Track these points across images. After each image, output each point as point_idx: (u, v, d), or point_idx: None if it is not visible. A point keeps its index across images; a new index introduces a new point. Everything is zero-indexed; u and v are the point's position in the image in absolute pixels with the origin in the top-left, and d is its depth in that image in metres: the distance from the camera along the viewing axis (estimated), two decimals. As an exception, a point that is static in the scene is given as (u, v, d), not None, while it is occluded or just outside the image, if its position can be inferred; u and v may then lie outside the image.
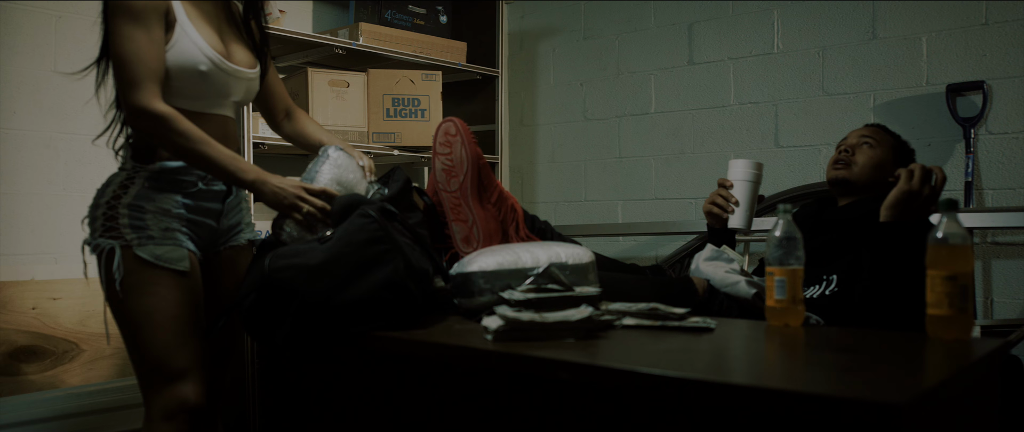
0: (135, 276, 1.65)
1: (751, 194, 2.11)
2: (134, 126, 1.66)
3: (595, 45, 3.79)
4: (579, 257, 1.64)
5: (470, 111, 3.63)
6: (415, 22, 3.30)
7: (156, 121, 1.62)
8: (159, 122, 1.62)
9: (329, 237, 1.54)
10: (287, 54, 3.15)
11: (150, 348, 1.65)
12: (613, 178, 3.73)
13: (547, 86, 3.98)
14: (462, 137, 1.78)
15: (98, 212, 1.70)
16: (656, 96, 3.60)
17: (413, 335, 1.42)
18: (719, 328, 1.50)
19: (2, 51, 2.55)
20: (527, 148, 4.05)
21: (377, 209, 1.54)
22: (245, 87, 1.85)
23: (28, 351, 2.48)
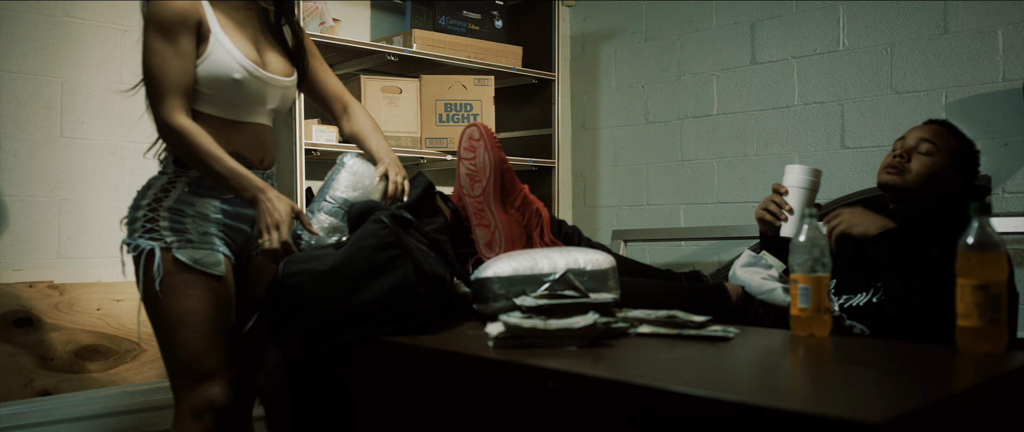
0: (172, 278, 1.70)
1: (806, 202, 2.01)
2: (160, 137, 1.72)
3: (656, 46, 3.73)
4: (598, 263, 1.60)
5: (527, 115, 3.62)
6: (470, 27, 3.32)
7: (175, 134, 1.66)
8: (177, 136, 1.67)
9: (344, 243, 1.56)
10: (343, 62, 3.21)
11: (182, 349, 1.70)
12: (675, 181, 3.65)
13: (609, 89, 3.93)
14: (485, 142, 1.77)
15: (138, 214, 1.76)
16: (718, 97, 3.50)
17: (420, 340, 1.41)
18: (739, 338, 1.44)
19: (72, 65, 2.68)
20: (589, 152, 4.01)
21: (389, 215, 1.54)
22: (281, 95, 1.88)
23: (92, 350, 2.60)
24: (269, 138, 1.91)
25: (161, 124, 1.67)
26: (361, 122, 1.99)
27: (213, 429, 1.70)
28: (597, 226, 3.97)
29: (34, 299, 2.53)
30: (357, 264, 1.48)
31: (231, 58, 1.74)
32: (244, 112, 1.81)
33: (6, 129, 2.57)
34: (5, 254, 2.55)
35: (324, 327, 1.48)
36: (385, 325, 1.49)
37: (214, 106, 1.76)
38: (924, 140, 2.00)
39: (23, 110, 2.60)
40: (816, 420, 0.81)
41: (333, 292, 1.47)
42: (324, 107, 2.07)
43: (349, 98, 2.04)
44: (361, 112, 2.02)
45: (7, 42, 2.57)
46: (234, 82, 1.74)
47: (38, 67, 2.62)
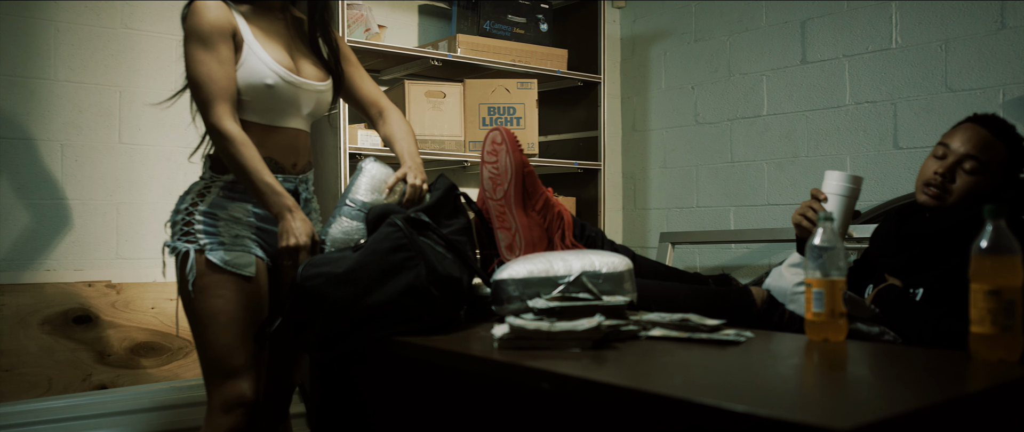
0: (205, 278, 1.78)
1: (845, 209, 1.96)
2: (211, 140, 1.80)
3: (706, 47, 3.69)
4: (614, 266, 1.60)
5: (573, 118, 3.63)
6: (515, 31, 3.34)
7: (222, 139, 1.73)
8: (226, 141, 1.74)
9: (362, 245, 1.60)
10: (389, 68, 3.28)
11: (213, 346, 1.77)
12: (725, 183, 3.61)
13: (658, 90, 3.91)
14: (507, 146, 1.79)
15: (178, 217, 1.84)
16: (768, 98, 3.45)
17: (430, 340, 1.44)
18: (751, 343, 1.42)
19: (129, 74, 2.80)
20: (639, 154, 3.99)
21: (403, 219, 1.58)
22: (315, 99, 1.93)
23: (147, 347, 2.71)
24: (304, 143, 1.97)
25: (212, 129, 1.75)
26: (394, 126, 2.03)
27: (242, 423, 1.77)
28: (647, 228, 3.95)
29: (93, 298, 2.65)
30: (371, 266, 1.52)
31: (264, 65, 1.80)
32: (278, 117, 1.87)
33: (68, 136, 2.70)
34: (67, 255, 2.68)
35: (340, 328, 1.53)
36: (399, 325, 1.52)
37: (249, 111, 1.83)
38: (970, 157, 1.83)
39: (84, 118, 2.73)
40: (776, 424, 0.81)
41: (348, 294, 1.51)
42: (362, 112, 2.12)
43: (385, 103, 2.09)
44: (396, 116, 2.06)
45: (69, 54, 2.71)
46: (267, 87, 1.81)
47: (98, 77, 2.75)
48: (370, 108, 2.09)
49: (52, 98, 2.68)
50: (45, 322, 2.57)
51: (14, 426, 2.35)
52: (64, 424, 2.41)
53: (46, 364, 2.55)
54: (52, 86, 2.69)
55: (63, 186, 2.69)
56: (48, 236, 2.66)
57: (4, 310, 2.52)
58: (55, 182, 2.68)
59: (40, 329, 2.56)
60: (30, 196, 2.64)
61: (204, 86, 1.75)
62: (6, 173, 2.60)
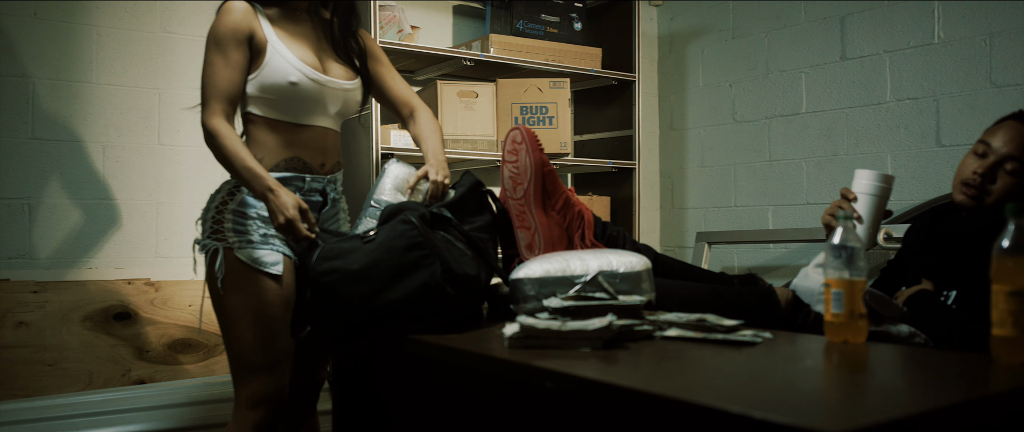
0: (233, 276, 1.81)
1: (875, 209, 1.92)
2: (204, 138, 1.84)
3: (744, 44, 3.64)
4: (632, 265, 1.59)
5: (608, 117, 3.60)
6: (548, 30, 3.33)
7: (208, 135, 1.80)
8: (209, 136, 1.80)
9: (372, 238, 1.60)
10: (423, 69, 3.29)
11: (239, 343, 1.81)
12: (763, 182, 3.55)
13: (696, 88, 3.86)
14: (527, 145, 1.79)
15: (208, 216, 1.88)
16: (807, 95, 3.39)
17: (444, 339, 1.45)
18: (768, 344, 1.40)
19: (168, 77, 2.87)
20: (677, 153, 3.96)
21: (419, 216, 1.58)
22: (342, 98, 1.96)
23: (184, 343, 2.77)
24: (333, 143, 1.99)
25: (202, 125, 1.81)
26: (422, 125, 2.05)
27: (268, 419, 1.80)
28: (684, 228, 3.91)
29: (132, 295, 2.72)
30: (385, 264, 1.53)
31: (287, 63, 1.84)
32: (304, 115, 1.90)
33: (109, 138, 2.78)
34: (109, 253, 2.75)
35: (355, 324, 1.54)
36: (414, 323, 1.53)
37: (275, 110, 1.87)
38: (1012, 157, 1.77)
39: (124, 120, 2.80)
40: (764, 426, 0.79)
41: (363, 291, 1.52)
42: (394, 112, 2.14)
43: (416, 103, 2.10)
44: (425, 116, 2.07)
45: (110, 58, 2.78)
46: (290, 85, 1.84)
47: (137, 79, 2.82)
48: (401, 108, 2.11)
49: (94, 100, 2.76)
50: (86, 318, 2.64)
51: (57, 418, 2.42)
52: (104, 417, 2.48)
53: (87, 359, 2.62)
54: (94, 89, 2.76)
55: (105, 186, 2.76)
56: (90, 235, 2.73)
57: (48, 307, 2.59)
58: (97, 182, 2.75)
59: (82, 325, 2.63)
60: (73, 196, 2.71)
61: (205, 87, 1.82)
62: (51, 174, 2.68)
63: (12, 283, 2.57)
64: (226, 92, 1.81)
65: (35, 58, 2.67)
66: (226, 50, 1.81)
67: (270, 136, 1.88)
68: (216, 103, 1.81)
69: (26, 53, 2.65)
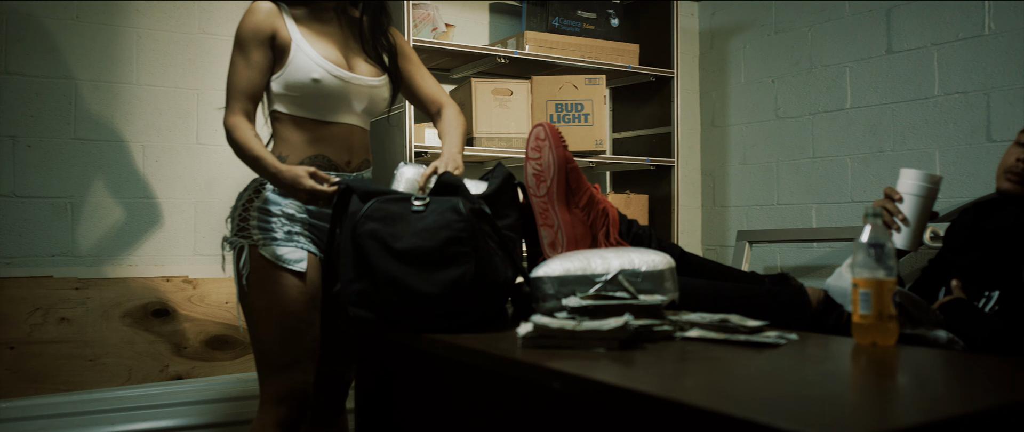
0: (258, 274, 1.82)
1: (922, 211, 1.85)
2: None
3: (786, 39, 3.55)
4: (654, 264, 1.55)
5: (647, 114, 3.56)
6: (584, 27, 3.30)
7: (226, 131, 1.84)
8: (226, 131, 1.85)
9: (421, 211, 1.58)
10: (458, 67, 3.29)
11: (265, 339, 1.82)
12: (806, 180, 3.47)
13: (738, 84, 3.79)
14: (550, 141, 1.76)
15: (235, 213, 1.90)
16: (852, 90, 3.29)
17: (458, 339, 1.43)
18: (792, 345, 1.35)
19: (206, 77, 2.91)
20: (718, 150, 3.88)
21: (470, 209, 1.56)
22: (368, 95, 1.96)
23: (220, 340, 2.81)
24: (359, 140, 1.99)
25: (223, 124, 1.85)
26: (445, 123, 2.05)
27: (292, 416, 1.80)
28: (726, 227, 3.84)
29: (170, 292, 2.76)
30: (422, 250, 1.51)
31: (311, 61, 1.85)
32: (329, 112, 1.91)
33: (149, 137, 2.83)
34: (148, 251, 2.80)
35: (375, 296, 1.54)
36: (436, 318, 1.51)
37: (300, 107, 1.89)
38: None
39: (163, 120, 2.85)
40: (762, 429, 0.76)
41: (393, 270, 1.51)
42: (423, 109, 2.14)
43: (445, 100, 2.09)
44: (451, 113, 2.06)
45: (149, 59, 2.83)
46: (314, 82, 1.85)
47: (176, 80, 2.86)
48: (430, 106, 2.11)
49: (134, 101, 2.81)
50: (126, 315, 2.69)
51: (98, 412, 2.47)
52: (142, 412, 2.52)
53: (126, 355, 2.67)
54: (134, 90, 2.81)
55: (145, 185, 2.81)
56: (130, 233, 2.78)
57: (89, 303, 2.65)
58: (137, 182, 2.80)
59: (121, 322, 2.68)
60: (115, 195, 2.77)
61: (227, 87, 1.87)
62: (93, 173, 2.74)
63: (55, 280, 2.63)
64: (246, 91, 1.84)
65: (78, 60, 2.73)
66: (247, 51, 1.84)
67: (295, 133, 1.89)
68: (236, 102, 1.84)
69: (70, 55, 2.71)
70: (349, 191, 1.69)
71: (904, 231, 1.85)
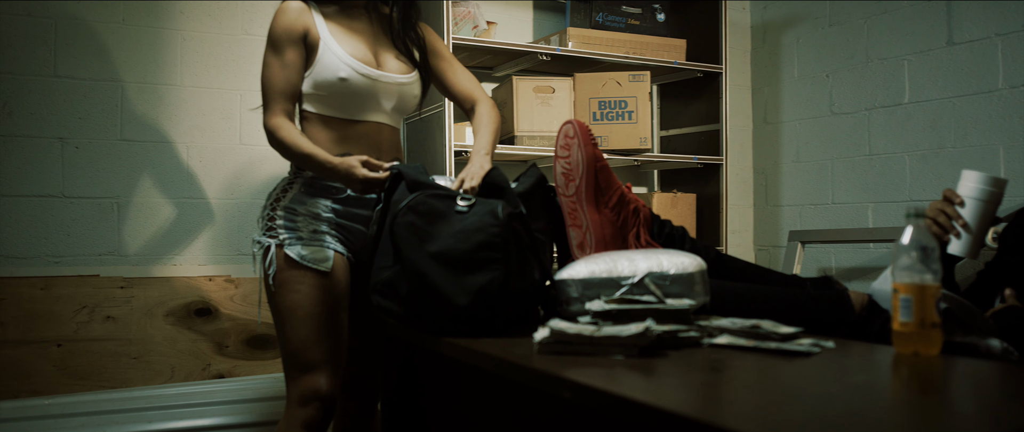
0: (284, 273, 1.81)
1: (983, 216, 1.73)
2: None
3: (841, 32, 3.42)
4: (683, 266, 1.49)
5: (695, 110, 3.47)
6: (629, 22, 3.23)
7: (268, 133, 1.81)
8: (269, 134, 1.83)
9: (465, 212, 1.55)
10: (501, 65, 3.25)
11: (290, 340, 1.80)
12: (862, 178, 3.34)
13: (791, 79, 3.67)
14: (579, 139, 1.71)
15: (263, 213, 1.90)
16: (910, 84, 3.15)
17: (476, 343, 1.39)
18: (828, 354, 1.28)
19: (249, 78, 2.93)
20: (771, 147, 3.77)
21: (508, 213, 1.52)
22: (397, 93, 1.93)
23: (262, 339, 2.82)
24: (388, 138, 1.96)
25: (264, 128, 1.81)
26: (478, 120, 2.01)
27: (318, 417, 1.79)
28: (779, 227, 3.72)
29: (213, 291, 2.79)
30: (457, 253, 1.48)
31: (338, 59, 1.83)
32: (357, 111, 1.89)
33: (193, 138, 2.86)
34: (192, 250, 2.83)
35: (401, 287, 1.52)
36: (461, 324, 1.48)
37: (328, 107, 1.87)
38: None
39: (207, 121, 2.87)
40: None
41: (425, 269, 1.48)
42: (459, 106, 2.11)
43: (479, 96, 2.05)
44: (484, 110, 2.02)
45: (193, 61, 2.86)
46: (340, 81, 1.83)
47: (220, 81, 2.89)
48: (464, 102, 2.08)
49: (178, 102, 2.84)
50: (169, 314, 2.73)
51: (141, 410, 2.51)
52: (185, 410, 2.55)
53: (169, 353, 2.71)
54: (179, 91, 2.85)
55: (189, 185, 2.84)
56: (175, 233, 2.82)
57: (134, 302, 2.69)
58: (182, 182, 2.83)
59: (165, 320, 2.72)
60: (159, 195, 2.81)
61: (263, 88, 1.85)
62: (139, 174, 2.78)
63: (102, 279, 2.68)
64: (284, 92, 1.83)
65: (124, 62, 2.77)
66: (281, 50, 1.83)
67: (323, 132, 1.88)
68: (275, 103, 1.83)
69: (116, 58, 2.76)
70: (399, 177, 1.68)
71: (963, 237, 1.74)
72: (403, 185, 1.64)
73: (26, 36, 2.65)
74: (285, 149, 1.82)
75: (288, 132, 1.80)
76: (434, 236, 1.52)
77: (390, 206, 1.62)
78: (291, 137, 1.80)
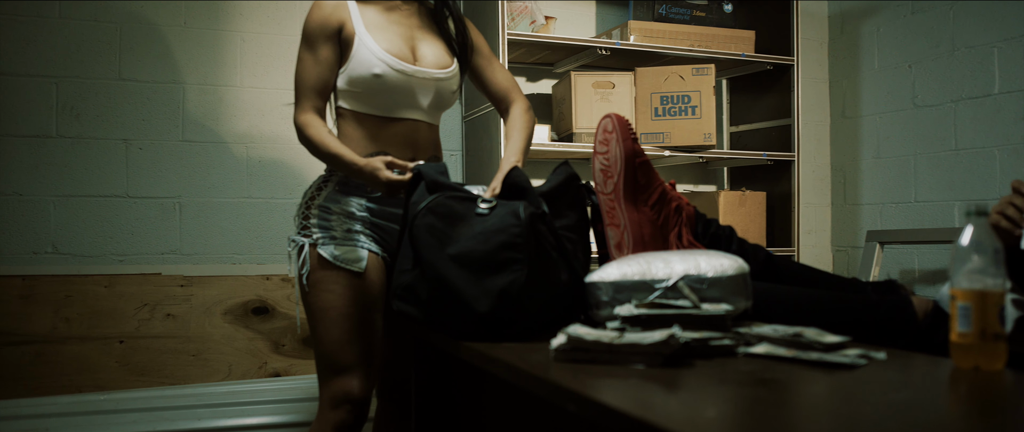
0: (316, 273, 1.79)
1: None
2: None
3: (925, 19, 3.21)
4: (722, 269, 1.39)
5: (766, 105, 3.31)
6: (694, 14, 3.11)
7: (297, 129, 1.79)
8: (298, 131, 1.81)
9: (486, 214, 1.49)
10: (561, 60, 3.17)
11: (323, 341, 1.78)
12: (948, 174, 3.12)
13: (871, 71, 3.47)
14: (618, 133, 1.62)
15: (298, 212, 1.88)
16: (1000, 73, 2.93)
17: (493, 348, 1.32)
18: (876, 367, 1.16)
19: (307, 77, 2.94)
20: (850, 143, 3.57)
21: (530, 214, 1.46)
22: (434, 88, 1.87)
23: (317, 339, 2.83)
24: (425, 136, 1.91)
25: (294, 124, 1.79)
26: (511, 123, 1.96)
27: (349, 420, 1.75)
28: (858, 226, 3.52)
29: (270, 290, 2.81)
30: (478, 254, 1.42)
31: (371, 54, 1.79)
32: (392, 107, 1.84)
33: (252, 139, 2.88)
34: (250, 249, 2.86)
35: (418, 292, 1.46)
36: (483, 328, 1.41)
37: (362, 103, 1.83)
38: None
39: (266, 121, 2.90)
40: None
41: (445, 272, 1.42)
42: (494, 104, 2.05)
43: (515, 96, 2.00)
44: (518, 112, 1.97)
45: (252, 62, 2.89)
46: (374, 77, 1.79)
47: (277, 81, 2.91)
48: (500, 101, 2.02)
49: (238, 103, 2.88)
50: (227, 312, 2.76)
51: (200, 406, 2.54)
52: (242, 408, 2.57)
53: (227, 351, 2.73)
54: (238, 92, 2.88)
55: (247, 185, 2.87)
56: (234, 232, 2.85)
57: (193, 300, 2.73)
58: (240, 181, 2.86)
59: (223, 319, 2.75)
60: (219, 195, 2.84)
61: (296, 84, 1.83)
62: (200, 174, 2.82)
63: (163, 277, 2.73)
64: (316, 88, 1.81)
65: (185, 64, 2.82)
66: (315, 46, 1.80)
67: (357, 130, 1.84)
68: (305, 100, 1.81)
69: (178, 59, 2.81)
70: (419, 178, 1.63)
71: None
72: (422, 186, 1.59)
73: (92, 41, 2.72)
74: (313, 147, 1.79)
75: (316, 130, 1.78)
76: (454, 238, 1.46)
77: (409, 208, 1.57)
78: (319, 135, 1.77)
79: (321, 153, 1.79)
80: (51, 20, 2.68)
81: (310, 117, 1.79)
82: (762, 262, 1.62)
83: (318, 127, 1.78)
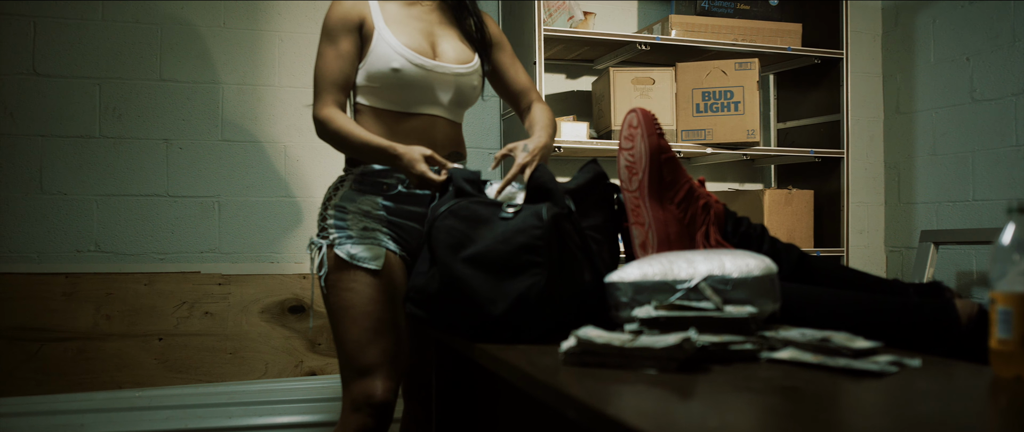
0: (334, 273, 1.76)
1: None
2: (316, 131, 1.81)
3: (984, 9, 3.07)
4: (748, 270, 1.32)
5: (814, 100, 3.20)
6: (738, 7, 3.02)
7: (319, 125, 1.76)
8: (320, 125, 1.78)
9: (510, 218, 1.45)
10: (601, 57, 3.11)
11: (344, 342, 1.75)
12: (1008, 171, 2.98)
13: (926, 64, 3.33)
14: (643, 129, 1.56)
15: (319, 212, 1.86)
16: (1065, 64, 2.78)
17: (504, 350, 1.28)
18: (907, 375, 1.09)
19: (344, 76, 2.94)
20: (904, 139, 3.44)
21: (553, 215, 1.42)
22: (454, 84, 1.84)
23: (353, 338, 2.82)
24: (445, 132, 1.87)
25: (313, 118, 1.77)
26: (533, 117, 1.93)
27: (370, 424, 1.72)
28: (912, 226, 3.39)
29: (306, 289, 2.81)
30: (496, 255, 1.38)
31: (390, 49, 1.77)
32: (411, 103, 1.81)
33: (291, 138, 2.89)
34: (287, 248, 2.87)
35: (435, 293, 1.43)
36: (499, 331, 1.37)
37: (380, 99, 1.81)
38: None
39: (304, 120, 2.90)
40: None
41: (461, 273, 1.39)
42: (511, 104, 2.02)
43: (534, 95, 1.99)
44: (538, 108, 1.95)
45: (290, 61, 2.90)
46: (393, 72, 1.77)
47: (314, 80, 2.91)
48: (520, 101, 2.00)
49: (276, 103, 2.89)
50: (264, 311, 2.77)
51: (236, 404, 2.55)
52: (278, 406, 2.58)
53: (264, 349, 2.75)
54: (276, 92, 2.89)
55: (285, 185, 2.88)
56: (271, 231, 2.86)
57: (231, 298, 2.75)
58: (279, 181, 2.87)
59: (260, 317, 2.76)
60: (257, 194, 2.85)
61: (315, 78, 1.80)
62: (238, 173, 2.84)
63: (202, 275, 2.75)
64: (337, 82, 1.78)
65: (224, 64, 2.84)
66: (336, 39, 1.78)
67: (375, 126, 1.81)
68: (326, 94, 1.78)
69: (217, 60, 2.83)
70: (449, 183, 1.60)
71: None
72: (451, 190, 1.55)
73: (133, 42, 2.76)
74: (339, 140, 1.76)
75: (342, 121, 1.75)
76: (474, 240, 1.42)
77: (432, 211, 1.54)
78: (346, 126, 1.74)
79: (349, 144, 1.75)
80: (94, 23, 2.72)
81: (333, 110, 1.76)
82: (794, 262, 1.54)
83: (343, 119, 1.76)
